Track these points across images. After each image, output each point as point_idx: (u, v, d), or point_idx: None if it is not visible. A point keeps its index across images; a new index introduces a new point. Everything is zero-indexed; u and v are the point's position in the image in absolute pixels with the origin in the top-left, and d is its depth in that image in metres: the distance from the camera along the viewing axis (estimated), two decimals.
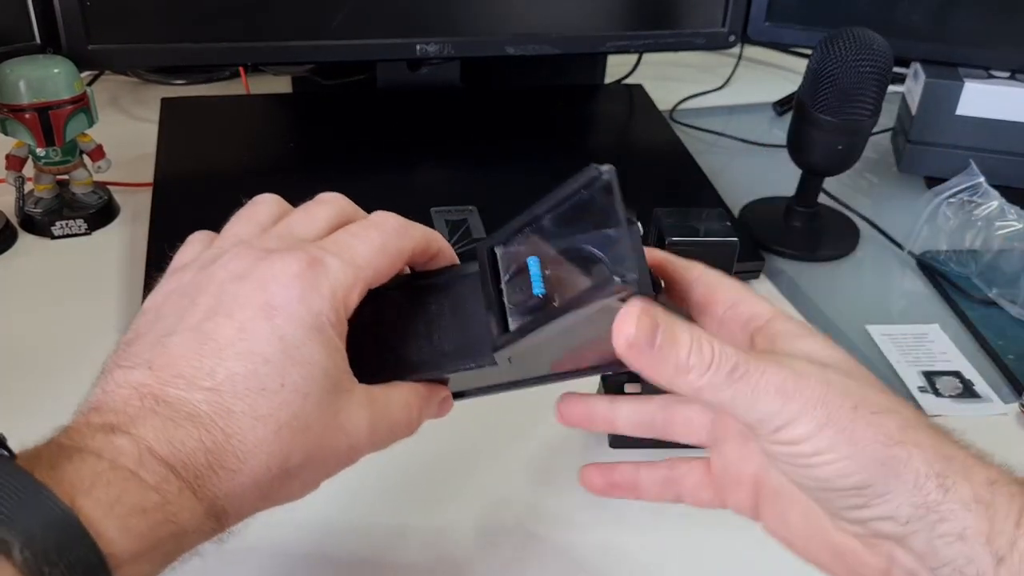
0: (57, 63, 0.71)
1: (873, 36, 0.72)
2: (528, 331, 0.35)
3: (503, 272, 0.38)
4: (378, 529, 0.53)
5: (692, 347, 0.32)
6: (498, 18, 0.84)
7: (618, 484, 0.43)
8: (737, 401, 0.32)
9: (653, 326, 0.32)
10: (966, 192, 0.80)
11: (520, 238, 0.38)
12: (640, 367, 0.32)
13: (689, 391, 0.33)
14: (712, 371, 0.32)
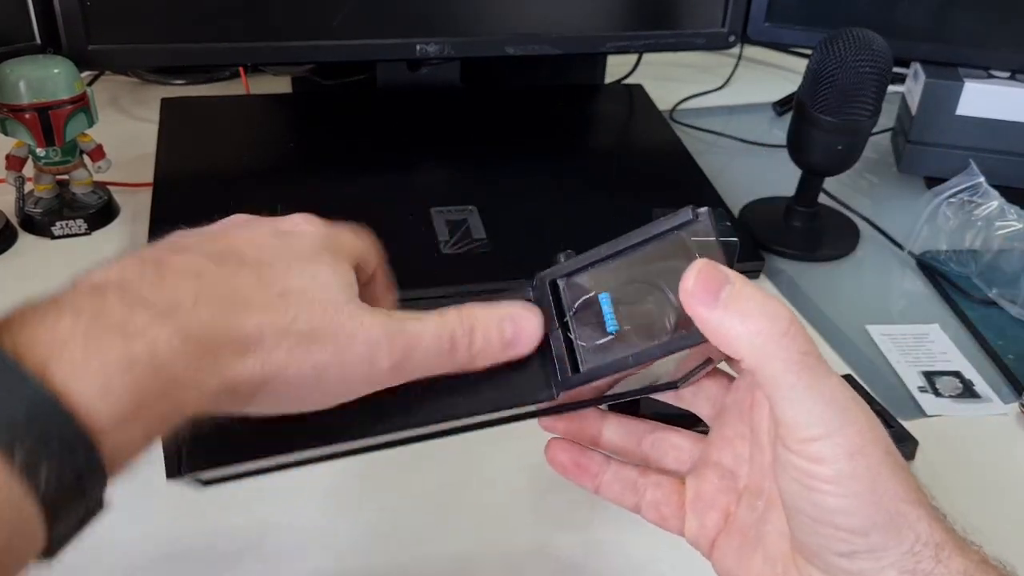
0: (57, 63, 0.71)
1: (873, 36, 0.72)
2: (606, 373, 0.35)
3: (568, 307, 0.37)
4: (373, 526, 0.53)
5: (764, 305, 0.31)
6: (498, 18, 0.84)
7: (584, 469, 0.41)
8: (792, 391, 0.31)
9: (724, 280, 0.31)
10: (966, 192, 0.80)
11: (584, 272, 0.37)
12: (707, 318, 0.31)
13: (748, 350, 0.31)
14: (781, 338, 0.31)
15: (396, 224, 0.75)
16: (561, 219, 0.77)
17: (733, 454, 0.38)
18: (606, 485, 0.41)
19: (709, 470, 0.39)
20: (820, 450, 0.31)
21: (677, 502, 0.39)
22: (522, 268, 0.70)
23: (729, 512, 0.38)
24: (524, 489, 0.57)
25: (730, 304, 0.31)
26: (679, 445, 0.41)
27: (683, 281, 0.31)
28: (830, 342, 0.71)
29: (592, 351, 0.35)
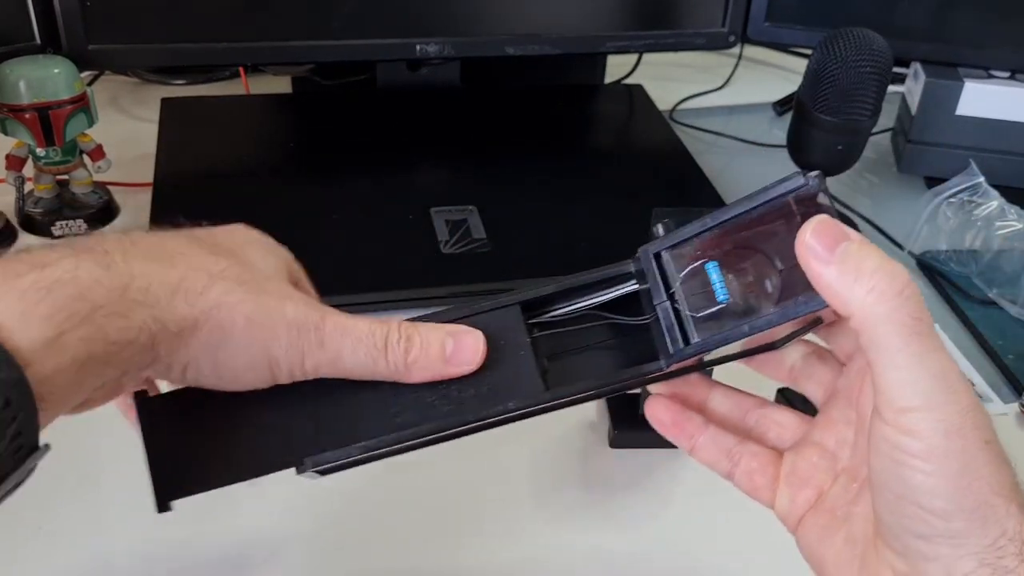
0: (57, 63, 0.71)
1: (873, 36, 0.72)
2: (721, 343, 0.34)
3: (674, 278, 0.36)
4: (374, 526, 0.53)
5: (882, 265, 0.30)
6: (498, 18, 0.84)
7: (681, 428, 0.40)
8: (896, 355, 0.30)
9: (843, 235, 0.31)
10: (966, 192, 0.80)
11: (689, 243, 0.36)
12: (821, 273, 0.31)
13: (859, 307, 0.30)
14: (894, 298, 0.30)
15: (396, 224, 0.75)
16: (561, 219, 0.77)
17: (836, 437, 0.37)
18: (701, 447, 0.40)
19: (810, 449, 0.38)
20: (915, 422, 0.30)
21: (772, 474, 0.38)
22: (522, 268, 0.71)
23: (822, 491, 0.37)
24: (524, 489, 0.57)
25: (846, 259, 0.30)
26: (783, 422, 0.40)
27: (800, 234, 0.31)
28: None
29: (702, 321, 0.35)
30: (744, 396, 0.41)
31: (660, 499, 0.56)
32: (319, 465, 0.35)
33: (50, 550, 0.51)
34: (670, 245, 0.36)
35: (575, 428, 0.61)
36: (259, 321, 0.33)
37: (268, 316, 0.33)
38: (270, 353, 0.33)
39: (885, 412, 0.31)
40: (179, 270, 0.32)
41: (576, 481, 0.57)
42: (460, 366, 0.36)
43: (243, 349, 0.33)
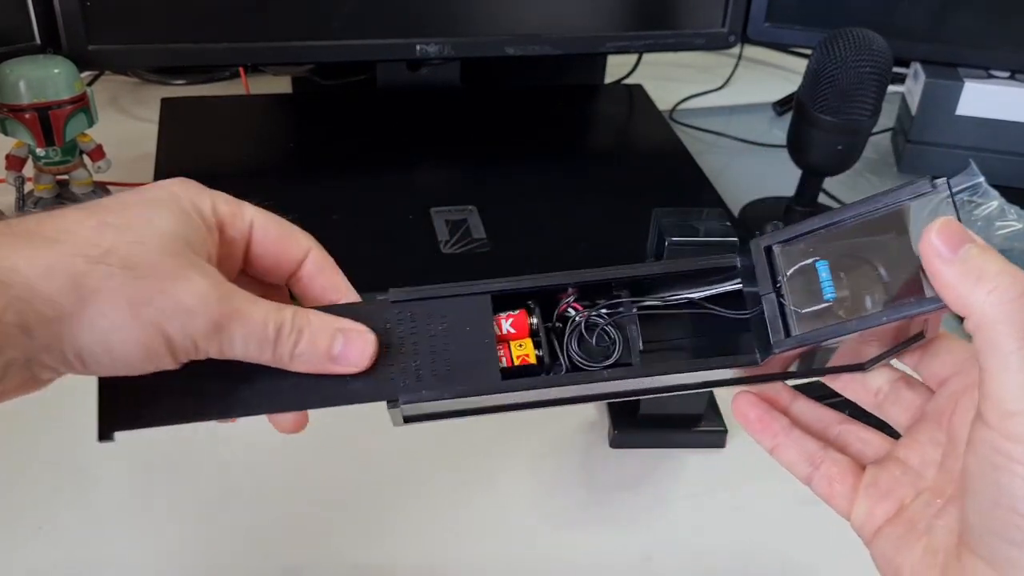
0: (57, 63, 0.71)
1: (873, 36, 0.72)
2: (825, 337, 0.34)
3: (781, 272, 0.36)
4: (376, 527, 0.53)
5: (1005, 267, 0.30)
6: (498, 18, 0.84)
7: (766, 427, 0.40)
8: (1009, 358, 0.30)
9: (967, 237, 0.31)
10: (966, 192, 0.80)
11: (801, 240, 0.36)
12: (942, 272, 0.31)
13: (978, 306, 0.30)
14: (1013, 302, 0.30)
15: (396, 224, 0.75)
16: (561, 219, 0.77)
17: (922, 457, 0.37)
18: (783, 448, 0.40)
19: (893, 464, 0.38)
20: (1021, 426, 0.30)
21: (852, 484, 0.38)
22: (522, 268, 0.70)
23: (903, 504, 0.37)
24: (525, 489, 0.57)
25: (968, 260, 0.31)
26: (866, 439, 0.40)
27: (925, 232, 0.31)
28: None
29: (806, 317, 0.35)
30: (827, 410, 0.41)
31: (660, 499, 0.56)
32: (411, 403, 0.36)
33: (50, 550, 0.51)
34: (782, 240, 0.37)
35: (575, 428, 0.61)
36: (144, 304, 0.32)
37: (157, 299, 0.32)
38: (164, 333, 0.32)
39: (990, 416, 0.31)
40: (54, 252, 0.31)
41: (576, 481, 0.57)
42: (345, 366, 0.36)
43: (132, 333, 0.32)
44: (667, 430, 0.60)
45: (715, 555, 0.53)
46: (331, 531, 0.53)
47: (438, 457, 0.58)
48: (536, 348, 0.38)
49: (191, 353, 0.33)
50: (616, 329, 0.39)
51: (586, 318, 0.38)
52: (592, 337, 0.38)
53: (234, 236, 0.37)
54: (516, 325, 0.38)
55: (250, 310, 0.34)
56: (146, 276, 0.32)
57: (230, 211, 0.36)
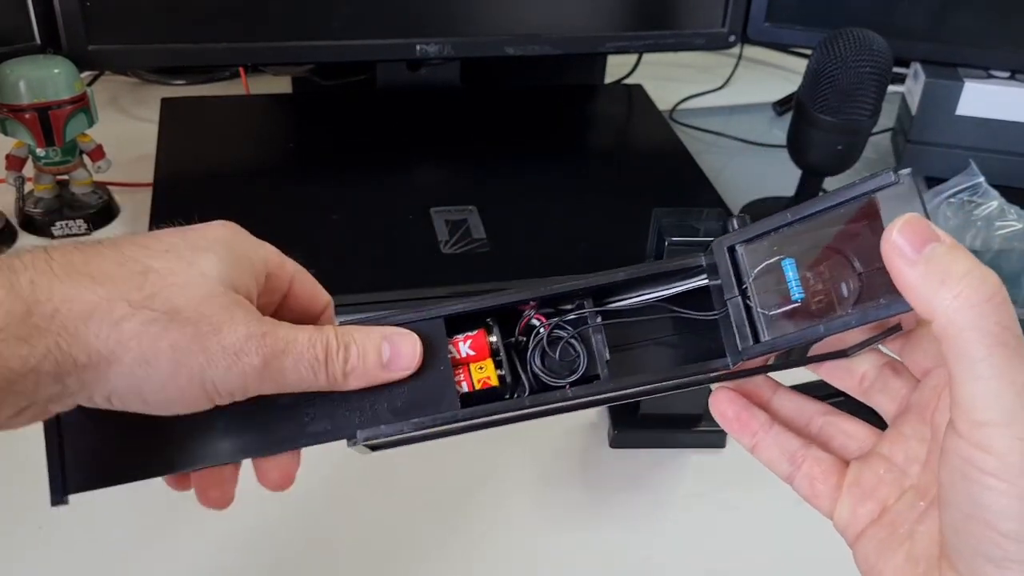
0: (57, 63, 0.71)
1: (873, 36, 0.72)
2: (793, 343, 0.33)
3: (747, 273, 0.35)
4: (377, 527, 0.53)
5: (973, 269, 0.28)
6: (498, 18, 0.84)
7: (744, 425, 0.39)
8: (977, 365, 0.28)
9: (932, 235, 0.29)
10: (966, 192, 0.80)
11: (764, 238, 0.35)
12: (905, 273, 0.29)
13: (943, 311, 0.28)
14: (981, 305, 0.28)
15: (396, 224, 0.75)
16: (561, 219, 0.77)
17: (906, 453, 0.36)
18: (763, 447, 0.39)
19: (876, 461, 0.36)
20: (991, 438, 0.28)
21: (834, 483, 0.37)
22: (522, 268, 0.71)
23: (886, 506, 0.35)
24: (525, 489, 0.57)
25: (934, 261, 0.29)
26: (850, 432, 0.38)
27: (887, 230, 0.29)
28: None
29: (775, 320, 0.34)
30: (809, 400, 0.39)
31: (660, 499, 0.56)
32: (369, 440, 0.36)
33: (50, 550, 0.51)
34: (745, 239, 0.35)
35: (575, 428, 0.61)
36: (187, 350, 0.31)
37: (199, 344, 0.32)
38: (205, 379, 0.32)
39: (960, 425, 0.29)
40: (97, 296, 0.30)
41: (576, 481, 0.57)
42: (398, 371, 0.36)
43: (171, 379, 0.31)
44: (667, 430, 0.60)
45: (715, 555, 0.53)
46: (331, 531, 0.53)
47: (438, 457, 0.58)
48: (498, 368, 0.36)
49: (236, 394, 0.33)
50: (580, 341, 0.37)
51: (548, 331, 0.37)
52: (556, 351, 0.37)
53: (276, 287, 0.37)
54: (475, 347, 0.37)
55: (295, 336, 0.34)
56: (189, 321, 0.32)
57: (279, 263, 0.37)
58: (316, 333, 0.35)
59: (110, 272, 0.31)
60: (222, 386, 0.32)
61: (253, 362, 0.32)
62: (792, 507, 0.56)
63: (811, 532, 0.55)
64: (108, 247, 0.32)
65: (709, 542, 0.54)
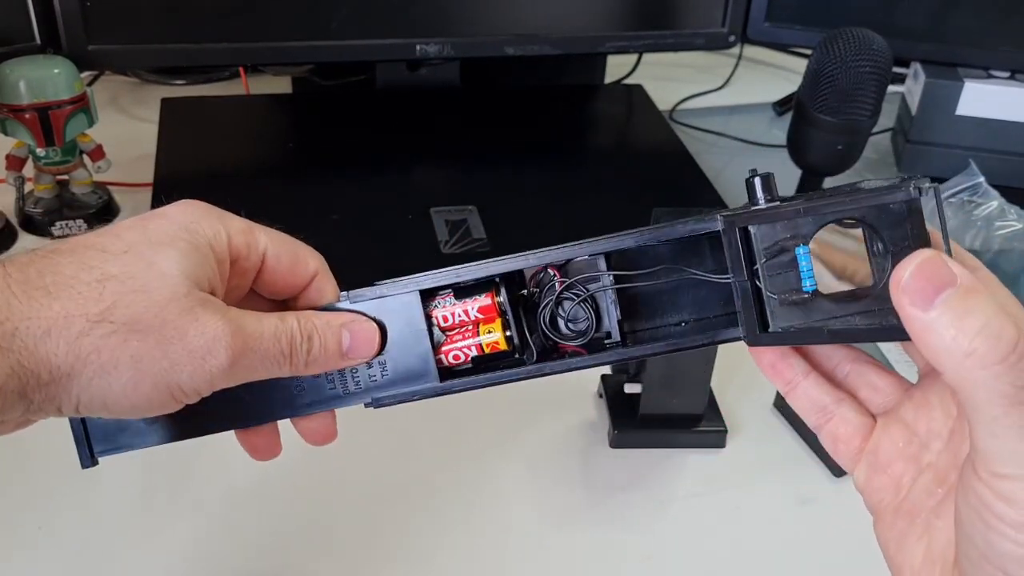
0: (57, 63, 0.71)
1: (873, 36, 0.72)
2: (796, 341, 0.33)
3: (759, 255, 0.33)
4: (378, 527, 0.53)
5: (989, 323, 0.26)
6: (498, 18, 0.84)
7: (779, 372, 0.37)
8: (993, 424, 0.27)
9: (949, 280, 0.27)
10: (966, 192, 0.80)
11: (780, 221, 0.33)
12: (915, 320, 0.28)
13: (954, 368, 0.27)
14: (996, 365, 0.26)
15: (396, 224, 0.75)
16: (561, 219, 0.77)
17: (930, 424, 0.34)
18: (795, 395, 0.37)
19: (898, 427, 0.35)
20: (1013, 491, 0.27)
21: (857, 446, 0.36)
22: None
23: (901, 484, 0.34)
24: (525, 489, 0.57)
25: (947, 311, 0.27)
26: (876, 384, 0.37)
27: (897, 271, 0.28)
28: None
29: (784, 308, 0.33)
30: (839, 346, 0.37)
31: (660, 499, 0.56)
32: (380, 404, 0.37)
33: (50, 550, 0.51)
34: (760, 220, 0.33)
35: (575, 428, 0.61)
36: (149, 358, 0.31)
37: (162, 350, 0.31)
38: (170, 384, 0.32)
39: (981, 471, 0.28)
40: (53, 312, 0.30)
41: (576, 481, 0.57)
42: (357, 359, 0.37)
43: (134, 388, 0.32)
44: (667, 430, 0.60)
45: (715, 555, 0.53)
46: (331, 532, 0.53)
47: (438, 457, 0.58)
48: (505, 330, 0.37)
49: (203, 392, 0.33)
50: (591, 303, 0.37)
51: (556, 296, 0.37)
52: (567, 312, 0.37)
53: (247, 267, 0.37)
54: (483, 310, 0.37)
55: (259, 332, 0.34)
56: (151, 328, 0.31)
57: (244, 242, 0.36)
58: (280, 324, 0.35)
59: (68, 283, 0.31)
60: (188, 388, 0.33)
61: (221, 363, 0.33)
62: (792, 507, 0.56)
63: (811, 532, 0.55)
64: (66, 254, 0.32)
65: (709, 542, 0.54)
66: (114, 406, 0.32)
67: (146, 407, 0.33)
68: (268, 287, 0.38)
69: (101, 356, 0.31)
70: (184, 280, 0.32)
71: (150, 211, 0.35)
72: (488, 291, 0.37)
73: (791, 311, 0.33)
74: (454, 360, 0.38)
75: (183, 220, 0.34)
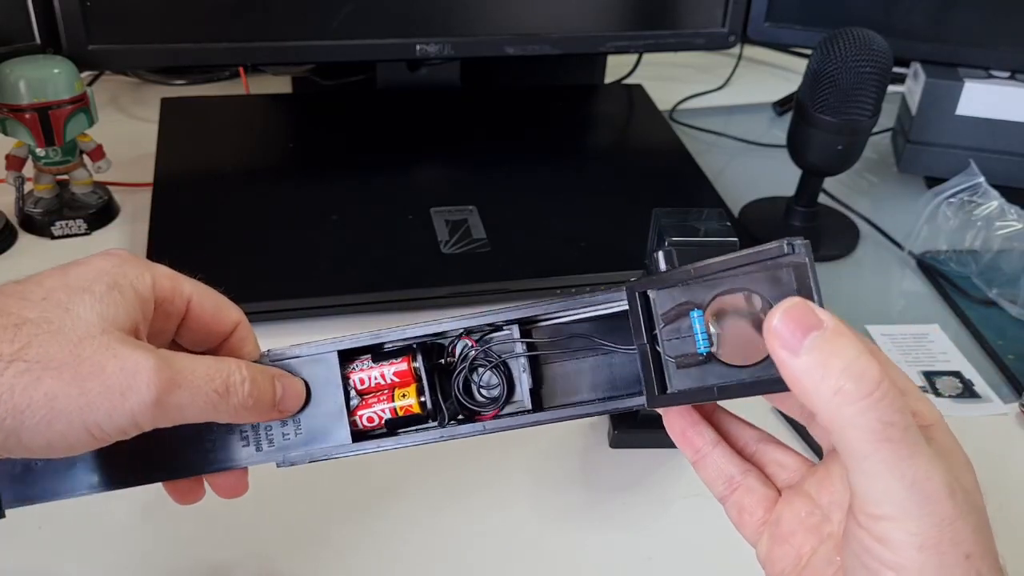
0: (57, 63, 0.71)
1: (873, 36, 0.72)
2: (690, 400, 0.35)
3: (658, 320, 0.36)
4: (378, 528, 0.53)
5: (853, 362, 0.28)
6: (498, 18, 0.84)
7: (689, 441, 0.39)
8: (864, 463, 0.28)
9: (815, 323, 0.28)
10: (966, 192, 0.80)
11: (677, 287, 0.35)
12: (786, 363, 0.29)
13: (823, 407, 0.28)
14: (861, 401, 0.27)
15: (396, 224, 0.75)
16: (561, 219, 0.77)
17: (832, 496, 0.35)
18: (703, 465, 0.39)
19: (801, 499, 0.36)
20: (888, 531, 0.28)
21: (761, 517, 0.37)
22: (522, 268, 0.71)
23: (802, 554, 0.35)
24: (524, 489, 0.57)
25: (815, 352, 0.28)
26: (782, 462, 0.38)
27: (768, 317, 0.29)
28: None
29: (683, 369, 0.35)
30: (746, 426, 0.39)
31: (660, 499, 0.56)
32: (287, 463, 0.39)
33: (50, 550, 0.51)
34: (659, 286, 0.36)
35: (575, 428, 0.61)
36: (64, 395, 0.31)
37: (78, 387, 0.31)
38: (87, 422, 0.32)
39: (858, 515, 0.29)
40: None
41: (576, 481, 0.57)
42: (285, 412, 0.38)
43: (47, 426, 0.31)
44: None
45: (715, 555, 0.53)
46: (330, 532, 0.53)
47: (437, 458, 0.58)
48: (419, 395, 0.38)
49: (128, 432, 0.33)
50: (503, 370, 0.38)
51: (470, 362, 0.38)
52: (481, 378, 0.39)
53: (170, 312, 0.37)
54: (399, 375, 0.38)
55: (191, 369, 0.34)
56: (66, 366, 0.31)
57: (170, 287, 0.36)
58: (217, 364, 0.35)
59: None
60: (108, 427, 0.32)
61: (143, 399, 0.32)
62: None
63: None
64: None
65: (709, 542, 0.54)
66: (31, 444, 0.32)
67: (62, 446, 0.32)
68: (190, 335, 0.38)
69: (14, 395, 0.31)
70: (100, 320, 0.32)
71: (74, 260, 0.35)
72: (405, 356, 0.39)
73: (687, 374, 0.35)
74: (368, 423, 0.39)
75: (104, 266, 0.34)
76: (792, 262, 0.31)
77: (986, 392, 0.66)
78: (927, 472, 0.28)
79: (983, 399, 0.65)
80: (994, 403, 0.65)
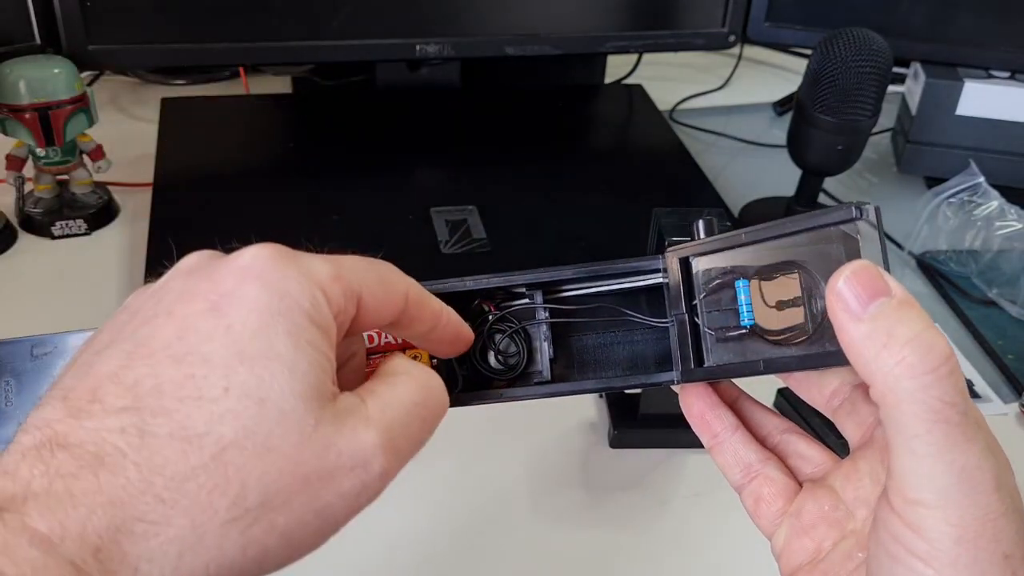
0: (57, 63, 0.71)
1: (873, 36, 0.72)
2: (732, 374, 0.32)
3: (699, 289, 0.33)
4: (378, 527, 0.53)
5: (922, 334, 0.25)
6: (498, 18, 0.84)
7: (707, 425, 0.36)
8: (913, 442, 0.26)
9: (883, 289, 0.26)
10: (966, 192, 0.80)
11: (721, 253, 0.33)
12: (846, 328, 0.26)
13: (882, 378, 0.26)
14: (924, 375, 0.25)
15: (396, 224, 0.75)
16: (561, 219, 0.77)
17: (857, 492, 0.33)
18: (720, 450, 0.36)
19: (825, 492, 0.34)
20: (924, 519, 0.26)
21: (780, 508, 0.35)
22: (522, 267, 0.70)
23: (822, 548, 0.33)
24: (524, 489, 0.57)
25: (879, 319, 0.26)
26: (806, 455, 0.36)
27: (832, 279, 0.26)
28: None
29: (721, 343, 0.33)
30: (772, 415, 0.37)
31: (660, 499, 0.56)
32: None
33: None
34: (701, 252, 0.33)
35: (575, 428, 0.61)
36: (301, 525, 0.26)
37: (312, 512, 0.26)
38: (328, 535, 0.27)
39: (894, 498, 0.27)
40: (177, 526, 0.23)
41: (576, 481, 0.57)
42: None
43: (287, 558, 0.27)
44: (667, 430, 0.60)
45: (715, 555, 0.53)
46: None
47: (437, 457, 0.58)
48: (432, 357, 0.35)
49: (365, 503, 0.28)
50: (523, 337, 0.36)
51: (488, 326, 0.36)
52: (500, 344, 0.36)
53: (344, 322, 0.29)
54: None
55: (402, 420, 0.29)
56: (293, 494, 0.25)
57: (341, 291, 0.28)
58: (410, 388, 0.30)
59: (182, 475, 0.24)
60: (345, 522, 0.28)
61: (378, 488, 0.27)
62: None
63: None
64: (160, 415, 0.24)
65: (709, 542, 0.54)
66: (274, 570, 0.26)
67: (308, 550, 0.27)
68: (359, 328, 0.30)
69: (247, 554, 0.24)
70: (304, 402, 0.25)
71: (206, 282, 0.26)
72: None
73: (725, 348, 0.33)
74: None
75: (264, 299, 0.25)
76: (858, 228, 0.28)
77: (986, 392, 0.66)
78: (979, 461, 0.26)
79: (983, 399, 0.65)
80: (994, 403, 0.65)
